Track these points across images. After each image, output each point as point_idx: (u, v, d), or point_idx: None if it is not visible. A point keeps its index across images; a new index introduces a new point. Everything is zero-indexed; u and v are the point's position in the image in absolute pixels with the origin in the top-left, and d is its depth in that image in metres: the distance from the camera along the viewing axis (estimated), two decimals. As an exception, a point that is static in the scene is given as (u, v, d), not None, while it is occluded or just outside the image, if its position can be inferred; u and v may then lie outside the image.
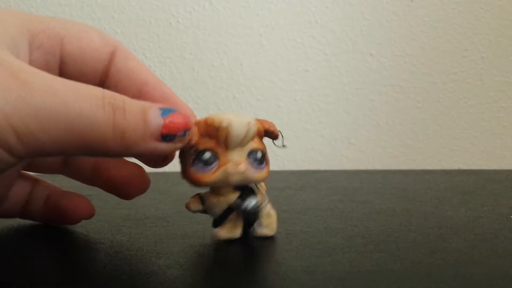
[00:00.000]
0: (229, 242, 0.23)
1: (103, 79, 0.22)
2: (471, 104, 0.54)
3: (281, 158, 0.53)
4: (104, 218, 0.28)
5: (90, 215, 0.26)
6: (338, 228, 0.26)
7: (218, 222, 0.23)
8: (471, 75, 0.54)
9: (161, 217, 0.29)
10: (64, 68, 0.21)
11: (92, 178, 0.25)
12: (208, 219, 0.26)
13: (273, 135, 0.23)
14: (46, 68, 0.21)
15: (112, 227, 0.26)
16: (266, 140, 0.24)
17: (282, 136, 0.23)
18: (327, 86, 0.54)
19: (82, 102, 0.17)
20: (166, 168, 0.29)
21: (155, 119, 0.18)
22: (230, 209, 0.22)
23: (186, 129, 0.19)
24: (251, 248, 0.23)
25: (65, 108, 0.16)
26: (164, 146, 0.19)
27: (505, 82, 0.54)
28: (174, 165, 0.40)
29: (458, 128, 0.55)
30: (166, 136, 0.19)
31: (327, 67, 0.53)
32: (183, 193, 0.36)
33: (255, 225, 0.24)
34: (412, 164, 0.55)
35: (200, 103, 0.52)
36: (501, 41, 0.54)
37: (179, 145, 0.20)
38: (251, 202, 0.22)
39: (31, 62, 0.20)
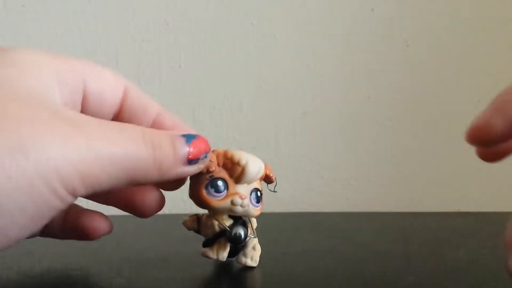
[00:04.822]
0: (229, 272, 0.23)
1: (117, 112, 0.24)
2: (471, 146, 0.55)
3: (280, 199, 0.53)
4: (104, 260, 0.28)
5: (109, 231, 0.26)
6: (338, 270, 0.26)
7: (209, 242, 0.25)
8: (471, 118, 0.55)
9: (160, 259, 0.29)
10: (85, 104, 0.23)
11: (107, 198, 0.25)
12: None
13: (270, 180, 0.26)
14: (72, 104, 0.22)
15: (112, 269, 0.26)
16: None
17: (276, 182, 0.27)
18: (326, 129, 0.54)
19: (130, 144, 0.20)
20: (166, 210, 0.29)
21: (182, 148, 0.22)
22: (220, 233, 0.25)
23: (206, 152, 0.23)
24: (250, 291, 0.23)
25: (118, 150, 0.19)
26: (190, 168, 0.22)
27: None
28: (174, 207, 0.40)
29: (458, 170, 0.55)
30: (192, 160, 0.22)
31: (326, 110, 0.54)
32: (182, 235, 0.36)
33: (241, 254, 0.26)
34: (411, 206, 0.55)
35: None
36: (499, 81, 0.55)
37: (202, 166, 0.23)
38: (239, 231, 0.25)
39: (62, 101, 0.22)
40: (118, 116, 0.24)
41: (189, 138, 0.22)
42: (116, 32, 0.52)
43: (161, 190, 0.25)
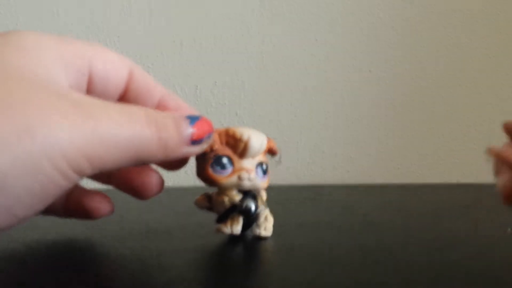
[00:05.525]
0: (232, 241, 0.24)
1: (122, 94, 0.24)
2: (470, 117, 0.55)
3: (282, 172, 0.54)
4: (108, 231, 0.29)
5: (111, 212, 0.26)
6: (338, 241, 0.27)
7: (222, 218, 0.26)
8: (469, 89, 0.55)
9: (164, 231, 0.29)
10: (91, 86, 0.23)
11: (109, 179, 0.26)
12: (211, 234, 0.27)
13: (274, 152, 0.27)
14: (78, 86, 0.22)
15: (116, 241, 0.27)
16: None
17: (280, 154, 0.27)
18: (327, 102, 0.54)
19: (134, 124, 0.20)
20: (169, 183, 0.29)
21: (186, 129, 0.22)
22: (232, 208, 0.26)
23: (210, 133, 0.23)
24: (253, 262, 0.24)
25: (123, 131, 0.20)
26: (194, 149, 0.23)
27: (504, 97, 0.55)
28: (178, 180, 0.41)
29: (457, 141, 0.55)
30: (195, 141, 0.22)
31: (326, 83, 0.54)
32: (186, 207, 0.36)
33: (254, 225, 0.27)
34: (411, 178, 0.55)
35: (202, 119, 0.52)
36: (497, 55, 0.55)
37: (205, 146, 0.23)
38: (249, 204, 0.25)
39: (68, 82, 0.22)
40: (123, 98, 0.25)
41: (192, 119, 0.22)
42: (117, 10, 0.51)
43: (160, 174, 0.26)
